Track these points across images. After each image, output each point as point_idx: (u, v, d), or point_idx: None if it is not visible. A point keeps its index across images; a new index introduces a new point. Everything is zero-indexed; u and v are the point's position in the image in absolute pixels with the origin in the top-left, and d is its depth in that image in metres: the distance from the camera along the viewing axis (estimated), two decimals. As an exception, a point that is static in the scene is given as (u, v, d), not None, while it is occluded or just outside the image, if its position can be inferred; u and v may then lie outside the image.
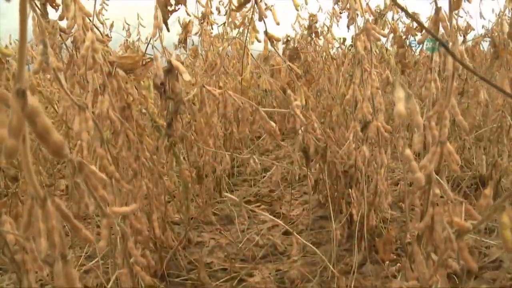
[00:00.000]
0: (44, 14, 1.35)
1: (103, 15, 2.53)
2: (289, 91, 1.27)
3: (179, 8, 1.40)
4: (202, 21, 2.10)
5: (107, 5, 2.45)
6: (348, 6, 1.61)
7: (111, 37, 2.68)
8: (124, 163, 1.33)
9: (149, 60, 1.37)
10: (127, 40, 2.77)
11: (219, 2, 2.20)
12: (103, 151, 1.09)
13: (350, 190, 1.56)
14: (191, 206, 1.83)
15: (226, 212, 2.03)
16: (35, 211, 0.63)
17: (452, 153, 1.03)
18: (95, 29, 1.21)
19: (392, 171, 2.31)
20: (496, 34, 1.44)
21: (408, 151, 0.79)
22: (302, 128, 1.42)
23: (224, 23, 2.28)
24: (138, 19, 2.64)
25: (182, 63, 2.57)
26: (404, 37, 2.34)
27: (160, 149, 1.25)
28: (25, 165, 0.56)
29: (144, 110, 1.41)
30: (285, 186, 2.27)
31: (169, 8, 1.40)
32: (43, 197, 0.61)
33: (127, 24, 2.78)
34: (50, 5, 1.37)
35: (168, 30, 1.47)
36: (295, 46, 2.22)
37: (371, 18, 1.73)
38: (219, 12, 2.20)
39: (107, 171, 1.11)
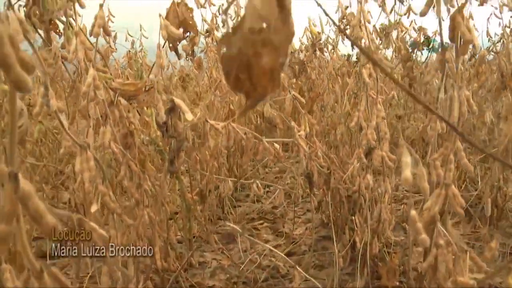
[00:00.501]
0: (47, 42, 1.34)
1: (110, 27, 2.53)
2: (293, 123, 1.26)
3: (187, 36, 1.40)
4: (207, 37, 2.08)
5: (113, 16, 2.45)
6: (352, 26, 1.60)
7: (115, 49, 2.68)
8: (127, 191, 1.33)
9: (151, 86, 1.36)
10: (129, 51, 2.76)
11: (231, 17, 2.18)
12: (105, 188, 1.09)
13: (353, 216, 1.55)
14: (193, 224, 1.82)
15: (229, 229, 2.02)
16: (31, 282, 0.62)
17: (457, 196, 1.02)
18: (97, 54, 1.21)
19: (395, 189, 2.29)
20: (503, 63, 1.42)
21: (413, 213, 0.78)
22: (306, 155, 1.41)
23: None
24: (140, 30, 2.64)
25: (188, 75, 2.57)
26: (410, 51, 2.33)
27: (163, 184, 1.24)
28: (20, 243, 0.55)
29: (147, 138, 1.40)
30: (289, 202, 2.26)
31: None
32: (39, 269, 0.61)
33: (130, 36, 2.77)
34: (54, 31, 1.36)
35: (178, 58, 1.46)
36: (302, 59, 2.21)
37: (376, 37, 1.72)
38: (224, 25, 2.17)
39: (109, 207, 1.11)
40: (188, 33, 1.41)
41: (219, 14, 2.10)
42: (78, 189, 1.17)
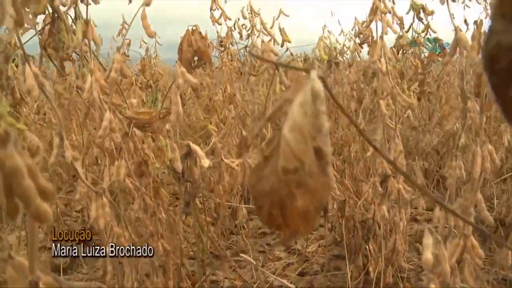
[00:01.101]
0: (61, 71, 1.34)
1: (124, 35, 2.52)
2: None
3: (201, 65, 1.38)
4: (222, 52, 2.06)
5: (128, 24, 2.43)
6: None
7: (129, 56, 2.67)
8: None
9: (166, 113, 1.35)
10: (144, 58, 2.75)
11: (242, 25, 2.15)
12: (120, 229, 1.08)
13: (367, 244, 1.54)
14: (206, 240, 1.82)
15: (241, 244, 2.01)
16: None
17: (476, 247, 1.00)
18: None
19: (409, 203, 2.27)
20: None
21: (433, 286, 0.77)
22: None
23: (245, 47, 2.25)
24: (155, 37, 2.62)
25: (201, 83, 2.55)
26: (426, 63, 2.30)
27: (178, 223, 1.23)
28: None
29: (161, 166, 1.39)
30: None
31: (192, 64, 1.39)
32: None
33: (144, 42, 2.76)
34: (68, 59, 1.35)
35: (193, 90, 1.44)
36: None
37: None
38: (241, 37, 2.15)
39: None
40: (202, 62, 1.40)
41: (234, 29, 2.07)
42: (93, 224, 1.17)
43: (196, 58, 1.36)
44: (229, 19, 2.01)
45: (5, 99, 1.09)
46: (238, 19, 2.06)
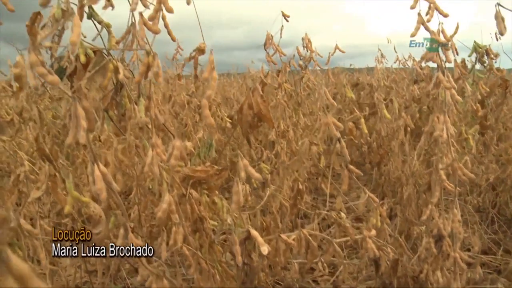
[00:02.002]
0: (122, 132, 1.37)
1: (177, 60, 2.58)
2: (364, 229, 1.24)
3: (261, 125, 1.40)
4: (276, 89, 2.05)
5: (182, 49, 2.49)
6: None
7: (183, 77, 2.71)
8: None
9: (222, 170, 1.37)
10: (197, 75, 2.77)
11: (300, 58, 2.15)
12: (177, 303, 1.10)
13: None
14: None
15: (288, 281, 2.02)
16: None
17: None
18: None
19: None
20: None
21: None
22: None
23: (302, 77, 2.25)
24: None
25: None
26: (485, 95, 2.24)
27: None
28: None
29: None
30: (349, 251, 2.23)
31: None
32: None
33: (199, 65, 2.78)
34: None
35: (249, 146, 1.45)
36: (373, 101, 2.16)
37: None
38: (301, 68, 2.15)
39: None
40: (261, 123, 1.41)
41: (289, 66, 2.07)
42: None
43: (256, 119, 1.38)
44: (284, 55, 2.00)
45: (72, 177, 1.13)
46: (294, 55, 2.06)
